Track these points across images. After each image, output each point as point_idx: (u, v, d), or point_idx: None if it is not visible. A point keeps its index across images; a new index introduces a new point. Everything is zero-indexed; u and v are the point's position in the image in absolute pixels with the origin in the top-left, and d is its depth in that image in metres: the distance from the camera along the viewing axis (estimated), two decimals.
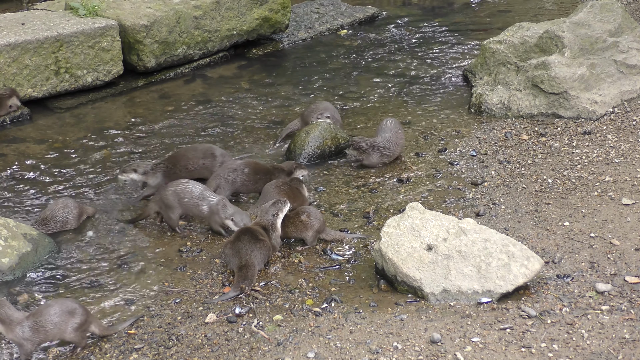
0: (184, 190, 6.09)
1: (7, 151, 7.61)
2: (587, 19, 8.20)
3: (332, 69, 9.74)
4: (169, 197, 6.09)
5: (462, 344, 4.53)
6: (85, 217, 6.39)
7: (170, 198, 6.08)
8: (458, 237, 5.18)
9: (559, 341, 4.52)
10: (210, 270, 5.64)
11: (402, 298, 5.11)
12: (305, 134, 7.33)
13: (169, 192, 6.10)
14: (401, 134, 7.13)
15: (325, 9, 11.67)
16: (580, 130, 7.40)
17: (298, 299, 5.20)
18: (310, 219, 5.83)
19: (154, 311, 5.16)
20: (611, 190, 6.27)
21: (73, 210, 6.28)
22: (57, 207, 6.27)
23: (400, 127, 7.18)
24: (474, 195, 6.45)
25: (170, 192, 6.10)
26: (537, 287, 5.08)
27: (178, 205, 6.08)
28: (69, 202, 6.33)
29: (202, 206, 6.06)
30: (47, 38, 8.46)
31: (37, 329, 4.66)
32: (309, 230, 5.83)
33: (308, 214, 5.84)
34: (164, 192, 6.15)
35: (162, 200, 6.13)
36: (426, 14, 11.97)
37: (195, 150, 6.88)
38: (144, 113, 8.51)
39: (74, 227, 6.27)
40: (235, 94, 9.00)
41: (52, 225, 6.18)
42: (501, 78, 8.24)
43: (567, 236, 5.69)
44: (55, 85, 8.62)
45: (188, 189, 6.10)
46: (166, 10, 9.33)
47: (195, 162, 6.78)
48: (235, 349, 4.69)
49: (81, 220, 6.34)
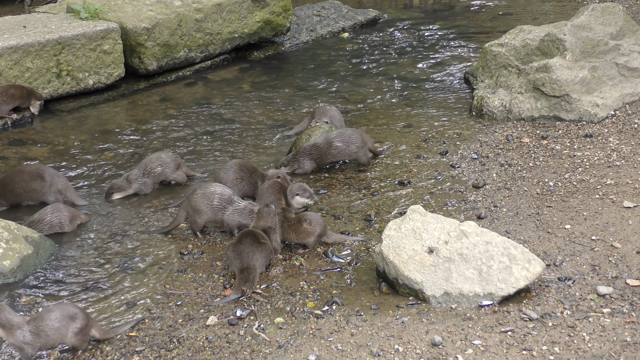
0: (213, 193, 6.12)
1: (8, 154, 7.62)
2: (588, 22, 8.20)
3: (333, 72, 9.75)
4: (197, 200, 6.10)
5: (463, 347, 4.53)
6: (78, 222, 6.35)
7: (199, 202, 6.09)
8: (459, 239, 5.17)
9: (560, 344, 4.52)
10: (212, 272, 5.64)
11: (404, 301, 5.10)
12: (307, 137, 7.34)
13: (197, 196, 6.12)
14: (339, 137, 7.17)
15: (327, 12, 11.68)
16: (581, 133, 7.40)
17: (299, 302, 5.20)
18: (311, 226, 5.83)
19: (155, 314, 5.16)
20: (613, 193, 6.27)
21: (63, 214, 6.25)
22: (46, 211, 6.27)
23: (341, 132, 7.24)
24: (475, 198, 6.44)
25: (199, 195, 6.12)
26: (538, 290, 5.08)
27: (208, 209, 6.10)
28: (59, 207, 6.32)
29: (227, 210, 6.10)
30: (49, 41, 8.47)
31: (37, 333, 4.65)
32: (311, 237, 5.83)
33: (310, 221, 5.84)
34: (192, 196, 6.15)
35: (190, 204, 6.13)
36: (427, 16, 11.98)
37: (22, 173, 6.68)
38: (145, 116, 8.52)
39: (67, 230, 6.24)
40: (236, 96, 9.01)
41: (40, 228, 6.16)
42: (503, 81, 8.24)
43: (569, 239, 5.68)
44: (56, 88, 8.63)
45: (217, 191, 6.12)
46: (168, 13, 9.34)
47: (23, 186, 6.63)
48: (237, 351, 4.69)
49: (74, 224, 6.31)
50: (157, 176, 6.87)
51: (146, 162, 6.88)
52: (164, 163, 6.89)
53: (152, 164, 6.86)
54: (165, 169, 6.88)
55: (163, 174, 6.89)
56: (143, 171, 6.83)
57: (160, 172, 6.87)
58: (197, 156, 7.51)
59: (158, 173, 6.86)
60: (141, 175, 6.82)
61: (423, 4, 12.89)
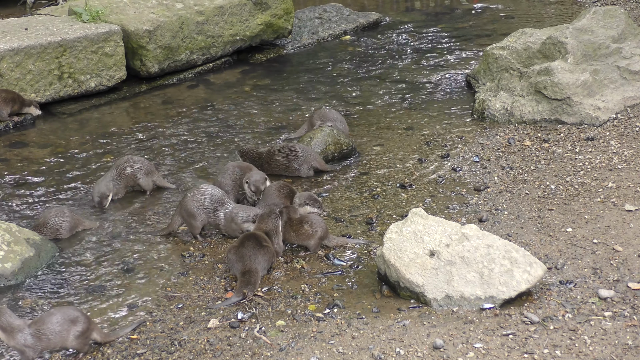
0: (203, 193, 6.10)
1: (10, 156, 7.62)
2: (590, 25, 8.20)
3: (335, 74, 9.75)
4: (188, 203, 6.08)
5: (464, 350, 4.53)
6: (80, 228, 6.31)
7: (189, 204, 6.07)
8: (461, 243, 5.17)
9: (562, 347, 4.51)
10: (213, 275, 5.64)
11: (405, 304, 5.10)
12: (308, 139, 7.34)
13: (188, 198, 6.10)
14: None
15: (329, 15, 11.69)
16: (583, 136, 7.40)
17: (300, 305, 5.20)
18: (312, 228, 5.82)
19: (156, 316, 5.16)
20: (614, 196, 6.26)
21: (66, 219, 6.21)
22: (51, 214, 6.24)
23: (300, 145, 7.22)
24: (476, 201, 6.44)
25: (189, 198, 6.10)
26: (539, 293, 5.07)
27: (200, 211, 6.07)
28: (63, 210, 6.30)
29: (219, 212, 6.08)
30: (51, 43, 8.48)
31: (39, 337, 4.66)
32: (311, 239, 5.83)
33: (311, 223, 5.83)
34: (183, 200, 6.13)
35: (183, 208, 6.11)
36: (429, 19, 11.98)
37: None
38: (147, 118, 8.52)
39: (65, 236, 6.20)
40: (238, 99, 9.02)
41: (45, 232, 6.13)
42: (504, 84, 8.24)
43: (570, 242, 5.68)
44: (58, 90, 8.64)
45: (207, 192, 6.11)
46: (169, 16, 9.35)
47: None
48: (238, 354, 4.69)
49: (74, 231, 6.26)
50: (127, 178, 6.79)
51: (117, 164, 6.82)
52: (135, 165, 6.82)
53: (122, 165, 6.78)
54: (137, 172, 6.81)
55: (133, 176, 6.81)
56: (116, 173, 6.76)
57: (130, 173, 6.80)
58: (198, 158, 7.51)
59: (128, 175, 6.79)
60: (116, 177, 6.75)
61: (425, 6, 12.90)
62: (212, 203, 6.07)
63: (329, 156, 7.29)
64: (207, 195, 6.09)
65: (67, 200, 6.79)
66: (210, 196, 6.08)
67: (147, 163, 6.90)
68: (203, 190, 6.12)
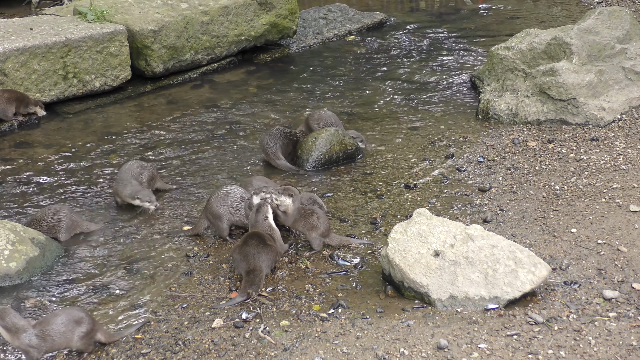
0: (226, 193, 6.11)
1: (15, 156, 7.64)
2: (595, 25, 8.20)
3: (339, 74, 9.75)
4: (213, 205, 6.07)
5: (469, 350, 4.53)
6: (78, 231, 6.25)
7: (214, 206, 6.06)
8: (465, 243, 5.17)
9: (566, 348, 4.51)
10: (217, 275, 5.64)
11: (409, 304, 5.10)
12: (313, 139, 7.33)
13: (212, 200, 6.09)
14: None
15: (333, 15, 11.70)
16: (588, 137, 7.39)
17: (305, 305, 5.20)
18: (318, 222, 5.84)
19: (161, 316, 5.17)
20: (619, 197, 6.26)
21: (64, 218, 6.17)
22: (49, 211, 6.21)
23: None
24: (481, 201, 6.44)
25: (213, 200, 6.09)
26: (544, 294, 5.07)
27: (225, 211, 6.06)
28: (63, 209, 6.25)
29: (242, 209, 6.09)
30: (56, 43, 8.49)
31: (43, 337, 4.66)
32: (314, 231, 5.83)
33: (318, 217, 5.85)
34: (208, 203, 6.12)
35: (209, 210, 6.10)
36: (434, 20, 11.98)
37: None
38: (151, 118, 8.53)
39: (64, 238, 6.14)
40: (242, 99, 9.02)
41: (40, 229, 6.09)
42: (509, 84, 8.24)
43: (575, 243, 5.67)
44: (63, 90, 8.66)
45: (231, 192, 6.11)
46: (174, 16, 9.36)
47: None
48: (242, 354, 4.69)
49: (73, 232, 6.21)
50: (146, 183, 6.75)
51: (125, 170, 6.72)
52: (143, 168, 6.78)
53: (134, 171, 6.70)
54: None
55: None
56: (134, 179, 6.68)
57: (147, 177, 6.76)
58: (203, 158, 7.51)
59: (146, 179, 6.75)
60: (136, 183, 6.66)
61: (429, 7, 12.89)
62: (235, 202, 6.07)
63: (334, 156, 7.29)
64: (230, 194, 6.09)
65: (72, 200, 6.79)
66: (232, 195, 6.09)
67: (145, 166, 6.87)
68: (226, 191, 6.13)
